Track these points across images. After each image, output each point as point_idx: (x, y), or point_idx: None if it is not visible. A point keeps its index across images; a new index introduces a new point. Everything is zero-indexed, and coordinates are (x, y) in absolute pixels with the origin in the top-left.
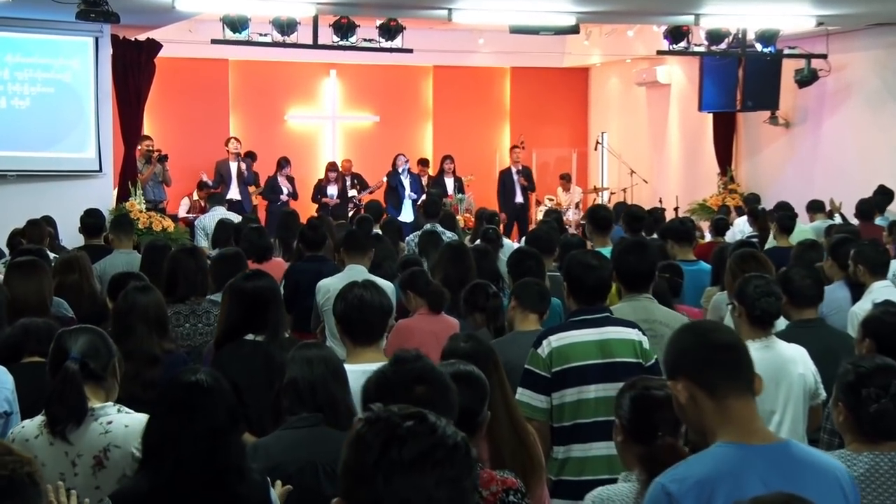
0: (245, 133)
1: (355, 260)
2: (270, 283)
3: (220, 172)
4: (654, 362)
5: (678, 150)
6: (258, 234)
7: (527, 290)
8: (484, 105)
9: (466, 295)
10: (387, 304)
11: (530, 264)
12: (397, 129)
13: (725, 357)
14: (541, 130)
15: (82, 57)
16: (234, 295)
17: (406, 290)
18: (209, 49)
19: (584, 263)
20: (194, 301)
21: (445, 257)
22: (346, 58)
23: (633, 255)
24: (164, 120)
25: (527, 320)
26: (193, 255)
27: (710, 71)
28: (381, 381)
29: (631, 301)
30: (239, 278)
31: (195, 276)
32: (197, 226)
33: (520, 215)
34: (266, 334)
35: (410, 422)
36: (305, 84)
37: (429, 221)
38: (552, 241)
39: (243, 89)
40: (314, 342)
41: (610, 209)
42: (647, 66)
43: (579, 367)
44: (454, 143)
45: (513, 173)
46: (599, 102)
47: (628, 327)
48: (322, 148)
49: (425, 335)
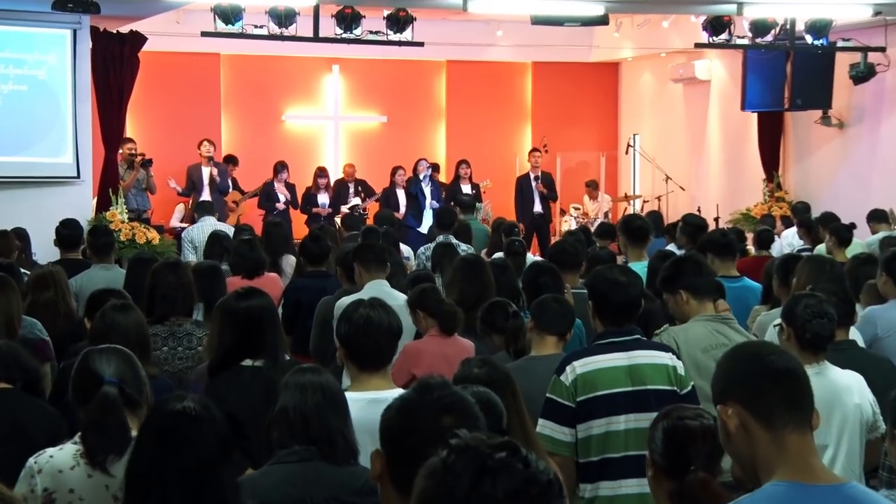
0: (238, 135)
1: (375, 274)
2: (265, 302)
3: (191, 178)
4: (690, 389)
5: (719, 154)
6: (249, 247)
7: (545, 309)
8: (502, 104)
9: (484, 314)
10: (396, 326)
11: (546, 280)
12: (407, 130)
13: (786, 385)
14: (565, 132)
15: (59, 51)
16: (226, 317)
17: (415, 310)
18: (199, 42)
19: (610, 280)
20: (174, 322)
21: (461, 273)
22: (350, 52)
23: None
24: (148, 121)
25: (543, 343)
26: (175, 269)
27: (754, 66)
28: (405, 411)
29: (708, 321)
30: (230, 298)
31: (175, 293)
32: (184, 238)
33: (539, 226)
34: (265, 358)
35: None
36: (305, 81)
37: (442, 233)
38: (578, 255)
39: (236, 87)
40: (310, 366)
41: (646, 219)
42: (684, 60)
43: (607, 395)
44: (470, 146)
45: (531, 179)
46: (631, 101)
47: (661, 351)
48: (323, 151)
49: (436, 359)
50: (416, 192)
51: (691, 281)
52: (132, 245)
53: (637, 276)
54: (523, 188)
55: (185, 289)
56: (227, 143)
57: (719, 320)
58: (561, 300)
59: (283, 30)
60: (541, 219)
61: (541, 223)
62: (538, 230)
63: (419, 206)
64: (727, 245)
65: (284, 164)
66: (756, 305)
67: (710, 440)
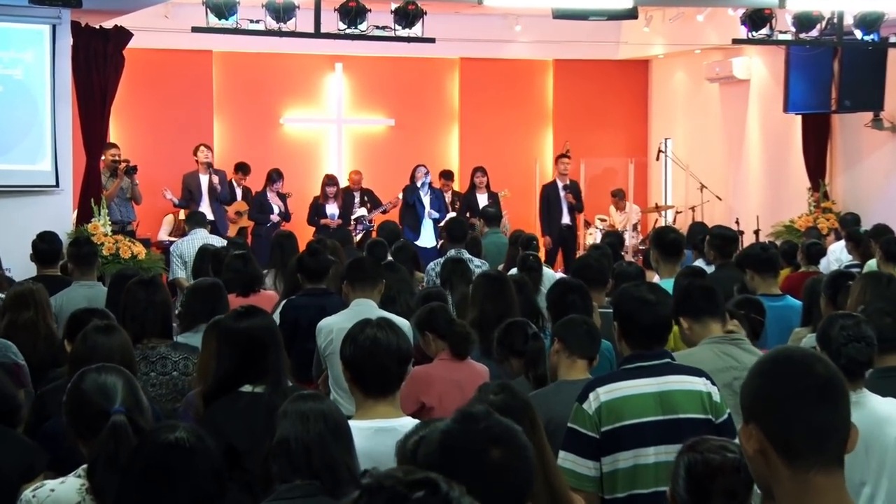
0: (233, 140)
1: (363, 293)
2: (267, 322)
3: (187, 187)
4: (726, 418)
5: (759, 161)
6: (243, 262)
7: (573, 330)
8: (521, 106)
9: (501, 336)
10: (405, 348)
11: (574, 299)
12: (416, 134)
13: (818, 412)
14: (590, 136)
15: (37, 48)
16: (225, 338)
17: (424, 331)
18: (189, 39)
19: (638, 298)
20: (147, 344)
21: (482, 290)
22: (355, 49)
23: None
24: (134, 125)
25: (573, 367)
26: (146, 287)
27: (798, 64)
28: (448, 446)
29: (714, 344)
30: (229, 317)
31: (144, 312)
32: (173, 252)
33: (566, 240)
34: (266, 384)
35: (420, 492)
36: (305, 81)
37: (454, 246)
38: (603, 271)
39: (230, 87)
40: (311, 393)
41: (680, 232)
42: (720, 57)
43: (635, 425)
44: (485, 151)
45: (558, 188)
46: (662, 102)
47: (694, 376)
48: (325, 158)
49: (447, 385)
50: (414, 201)
51: (687, 306)
52: (116, 260)
53: (667, 295)
54: (550, 198)
55: (158, 307)
56: (219, 148)
57: (727, 341)
58: (589, 322)
59: (282, 25)
60: (568, 231)
61: (568, 236)
62: (564, 243)
63: (417, 216)
64: (768, 260)
65: (279, 172)
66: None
67: (734, 476)
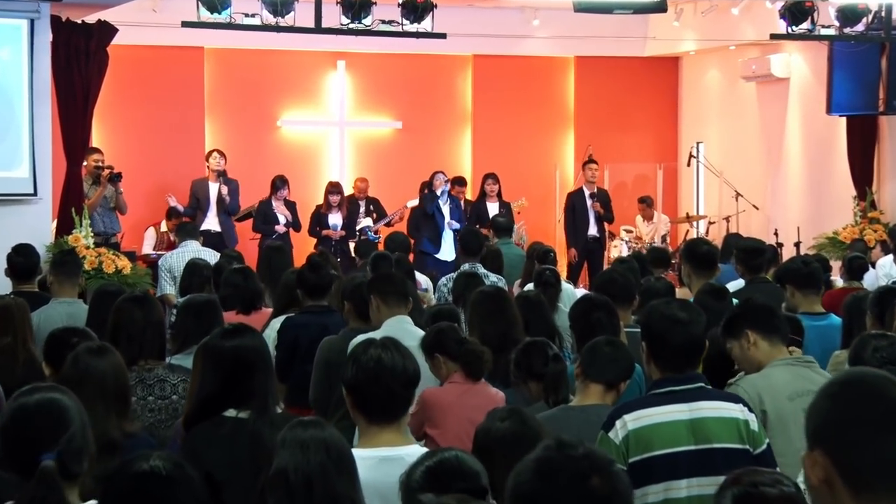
0: (226, 144)
1: (396, 310)
2: (255, 342)
3: (195, 195)
4: (764, 448)
5: (800, 167)
6: (243, 277)
7: (597, 353)
8: (540, 107)
9: (519, 357)
10: (412, 370)
11: (599, 317)
12: (425, 138)
13: (892, 443)
14: (615, 140)
15: (13, 45)
16: (209, 357)
17: (433, 353)
18: (179, 34)
19: (669, 317)
20: (143, 366)
21: (479, 309)
22: (359, 45)
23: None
24: (119, 128)
25: (586, 391)
26: (142, 304)
27: (842, 61)
28: (547, 472)
29: (790, 365)
30: (215, 335)
31: (142, 332)
32: (161, 267)
33: (592, 252)
34: (252, 409)
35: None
36: (305, 80)
37: (468, 260)
38: (630, 287)
39: (223, 87)
40: (312, 419)
41: (713, 244)
42: (757, 54)
43: (666, 455)
44: (500, 156)
45: (585, 197)
46: (694, 103)
47: (730, 402)
48: (326, 163)
49: (459, 411)
50: (433, 210)
51: (761, 319)
52: (99, 275)
53: (700, 313)
54: (576, 207)
55: (155, 327)
56: None
57: (802, 364)
58: (616, 343)
59: (280, 19)
60: (595, 243)
61: (595, 249)
62: (590, 257)
63: (437, 227)
64: (810, 276)
65: (284, 179)
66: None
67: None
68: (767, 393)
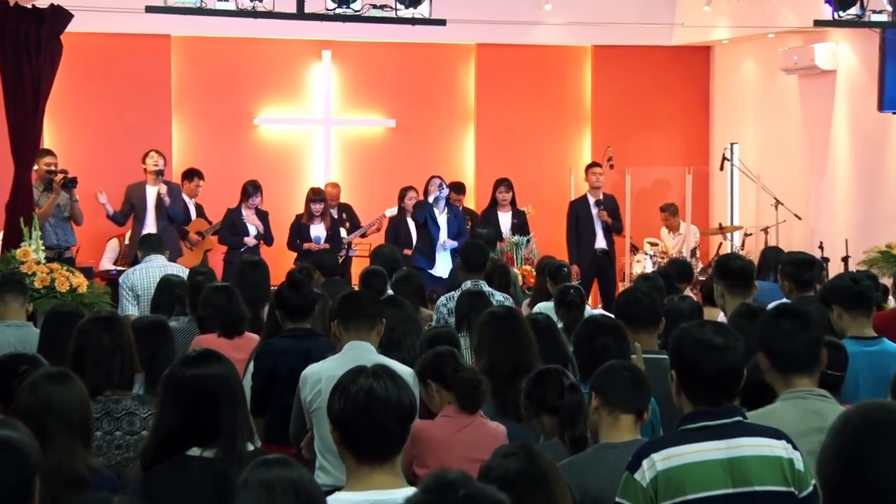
0: (195, 145)
1: (358, 334)
2: (221, 370)
3: (129, 201)
4: (811, 490)
5: (848, 171)
6: (226, 296)
7: (612, 379)
8: (552, 103)
9: (530, 387)
10: (408, 402)
11: (605, 342)
12: (422, 138)
13: None
14: (638, 140)
15: None
16: (169, 388)
17: (426, 380)
18: (143, 21)
19: (702, 342)
20: (110, 397)
21: (489, 331)
22: (347, 33)
23: (789, 322)
24: (74, 127)
25: (616, 426)
26: (110, 327)
27: (895, 52)
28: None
29: (795, 398)
30: (177, 364)
31: (111, 358)
32: (122, 284)
33: (602, 268)
34: (218, 447)
35: None
36: (286, 72)
37: (470, 277)
38: (655, 308)
39: (193, 80)
40: (277, 457)
41: (748, 259)
42: (799, 43)
43: (700, 500)
44: (507, 159)
45: (589, 205)
46: (727, 98)
47: (772, 438)
48: (309, 167)
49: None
50: (426, 220)
51: (776, 344)
52: (51, 294)
53: (737, 338)
54: (579, 217)
55: (124, 352)
56: (179, 155)
57: (816, 397)
58: (630, 367)
59: (257, 3)
60: (604, 257)
61: (604, 263)
62: (600, 273)
63: (430, 240)
64: (860, 295)
65: (257, 185)
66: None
67: None
68: None
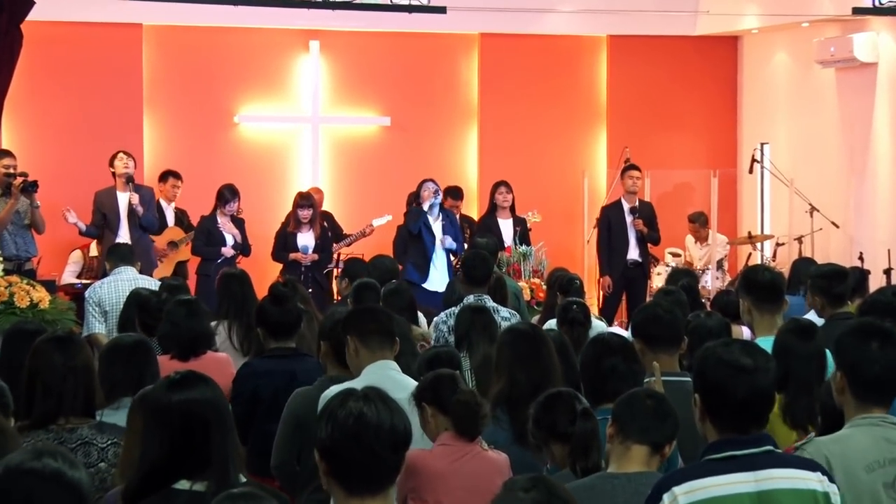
0: (168, 145)
1: (379, 354)
2: (210, 394)
3: (99, 210)
4: None
5: (891, 173)
6: (186, 311)
7: (633, 406)
8: (564, 99)
9: (539, 413)
10: (402, 428)
11: (614, 364)
12: (420, 138)
13: None
14: (658, 140)
15: None
16: (153, 415)
17: (422, 403)
18: (112, 8)
19: (729, 363)
20: (63, 426)
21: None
22: (337, 22)
23: (874, 341)
24: (35, 125)
25: (626, 456)
26: (64, 347)
27: None
28: None
29: (870, 425)
30: (159, 387)
31: (62, 382)
32: (88, 299)
33: (632, 282)
34: (209, 479)
35: None
36: (269, 65)
37: (472, 291)
38: (677, 326)
39: (166, 74)
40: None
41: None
42: (837, 33)
43: None
44: (513, 160)
45: (623, 211)
46: (757, 94)
47: (806, 470)
48: (295, 169)
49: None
50: (419, 229)
51: (862, 366)
52: (10, 310)
53: (769, 359)
54: (613, 224)
55: (77, 375)
56: (151, 157)
57: (890, 424)
58: (657, 395)
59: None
60: (636, 270)
61: (636, 276)
62: (630, 287)
63: (425, 251)
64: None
65: (234, 190)
66: None
67: None
68: (839, 461)
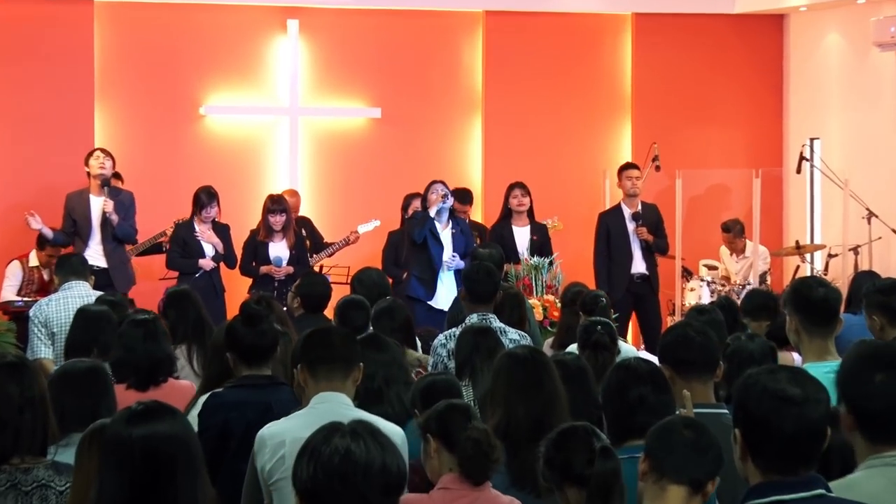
0: (123, 138)
1: (329, 384)
2: (175, 428)
3: (70, 214)
4: None
5: None
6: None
7: (669, 439)
8: (582, 87)
9: (551, 451)
10: (395, 468)
11: (642, 394)
12: (415, 132)
13: None
14: (691, 135)
15: None
16: (112, 452)
17: (426, 435)
18: None
19: (775, 394)
20: (19, 466)
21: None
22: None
23: (878, 373)
24: None
25: (662, 497)
26: (16, 376)
27: None
28: None
29: (884, 465)
30: (117, 420)
31: (17, 417)
32: (33, 319)
33: (641, 298)
34: None
35: None
36: (241, 48)
37: (476, 309)
38: (711, 350)
39: (123, 58)
40: None
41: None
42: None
43: None
44: (524, 158)
45: (624, 218)
46: (805, 81)
47: None
48: (270, 168)
49: None
50: (424, 238)
51: (868, 403)
52: None
53: (820, 389)
54: (611, 233)
55: (35, 408)
56: None
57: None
58: (697, 426)
59: None
60: (644, 285)
61: (644, 292)
62: (639, 304)
63: (431, 263)
64: None
65: (212, 192)
66: None
67: None
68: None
